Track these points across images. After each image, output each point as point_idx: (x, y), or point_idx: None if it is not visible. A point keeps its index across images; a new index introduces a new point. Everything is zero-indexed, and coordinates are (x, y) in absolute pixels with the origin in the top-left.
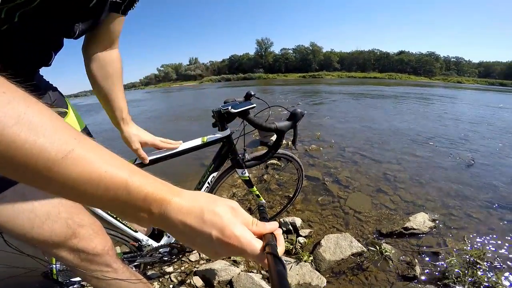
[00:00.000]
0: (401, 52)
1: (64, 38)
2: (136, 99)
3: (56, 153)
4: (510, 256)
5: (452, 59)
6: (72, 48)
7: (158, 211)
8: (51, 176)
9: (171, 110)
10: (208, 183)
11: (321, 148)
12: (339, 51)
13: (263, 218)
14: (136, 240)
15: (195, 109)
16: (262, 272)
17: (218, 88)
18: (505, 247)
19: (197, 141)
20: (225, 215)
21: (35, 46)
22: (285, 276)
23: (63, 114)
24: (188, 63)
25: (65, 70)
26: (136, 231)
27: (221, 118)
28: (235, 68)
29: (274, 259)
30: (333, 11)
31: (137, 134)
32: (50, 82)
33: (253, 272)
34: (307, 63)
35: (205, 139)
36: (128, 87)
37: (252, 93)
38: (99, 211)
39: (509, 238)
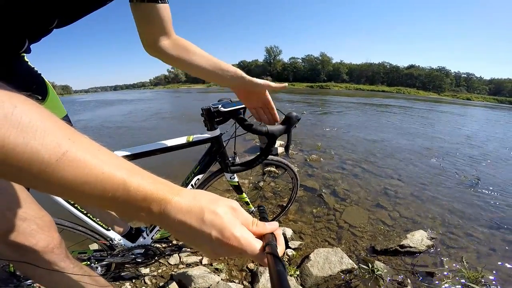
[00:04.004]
0: (411, 66)
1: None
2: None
3: (49, 156)
4: (511, 278)
5: (463, 75)
6: (87, 47)
7: (157, 211)
8: (47, 179)
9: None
10: (192, 185)
11: (321, 159)
12: (349, 62)
13: (263, 218)
14: (107, 238)
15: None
16: (244, 283)
17: (227, 92)
18: (506, 270)
19: (182, 140)
20: (225, 215)
21: (3, 32)
22: (285, 276)
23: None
24: None
25: (78, 68)
26: (108, 229)
27: (211, 117)
28: None
29: (274, 259)
30: (345, 23)
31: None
32: (34, 69)
33: (234, 282)
34: (315, 73)
35: (191, 138)
36: (137, 86)
37: None
38: (67, 206)
39: (511, 259)
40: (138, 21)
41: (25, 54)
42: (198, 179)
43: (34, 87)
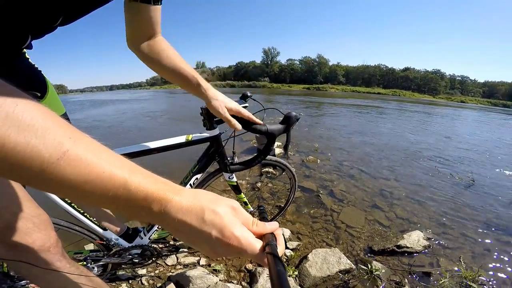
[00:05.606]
0: (406, 69)
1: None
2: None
3: (50, 155)
4: (505, 278)
5: (458, 78)
6: (83, 46)
7: (158, 210)
8: (47, 177)
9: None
10: (190, 185)
11: (318, 160)
12: (346, 64)
13: (263, 218)
14: (104, 238)
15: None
16: (243, 283)
17: (223, 93)
18: (501, 269)
19: (181, 139)
20: (226, 215)
21: (6, 28)
22: (285, 276)
23: (37, 98)
24: (195, 66)
25: (74, 68)
26: (105, 229)
27: (210, 116)
28: (240, 75)
29: (274, 259)
30: (342, 25)
31: (223, 100)
32: (35, 66)
33: (232, 283)
34: (312, 75)
35: (190, 137)
36: (134, 86)
37: (249, 94)
38: (64, 204)
39: (506, 259)
40: (128, 18)
41: (26, 51)
42: (196, 178)
43: (34, 84)
